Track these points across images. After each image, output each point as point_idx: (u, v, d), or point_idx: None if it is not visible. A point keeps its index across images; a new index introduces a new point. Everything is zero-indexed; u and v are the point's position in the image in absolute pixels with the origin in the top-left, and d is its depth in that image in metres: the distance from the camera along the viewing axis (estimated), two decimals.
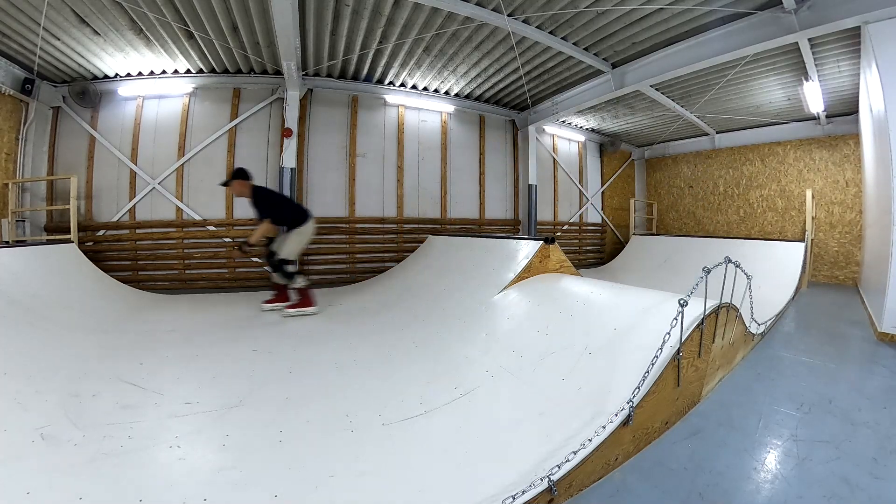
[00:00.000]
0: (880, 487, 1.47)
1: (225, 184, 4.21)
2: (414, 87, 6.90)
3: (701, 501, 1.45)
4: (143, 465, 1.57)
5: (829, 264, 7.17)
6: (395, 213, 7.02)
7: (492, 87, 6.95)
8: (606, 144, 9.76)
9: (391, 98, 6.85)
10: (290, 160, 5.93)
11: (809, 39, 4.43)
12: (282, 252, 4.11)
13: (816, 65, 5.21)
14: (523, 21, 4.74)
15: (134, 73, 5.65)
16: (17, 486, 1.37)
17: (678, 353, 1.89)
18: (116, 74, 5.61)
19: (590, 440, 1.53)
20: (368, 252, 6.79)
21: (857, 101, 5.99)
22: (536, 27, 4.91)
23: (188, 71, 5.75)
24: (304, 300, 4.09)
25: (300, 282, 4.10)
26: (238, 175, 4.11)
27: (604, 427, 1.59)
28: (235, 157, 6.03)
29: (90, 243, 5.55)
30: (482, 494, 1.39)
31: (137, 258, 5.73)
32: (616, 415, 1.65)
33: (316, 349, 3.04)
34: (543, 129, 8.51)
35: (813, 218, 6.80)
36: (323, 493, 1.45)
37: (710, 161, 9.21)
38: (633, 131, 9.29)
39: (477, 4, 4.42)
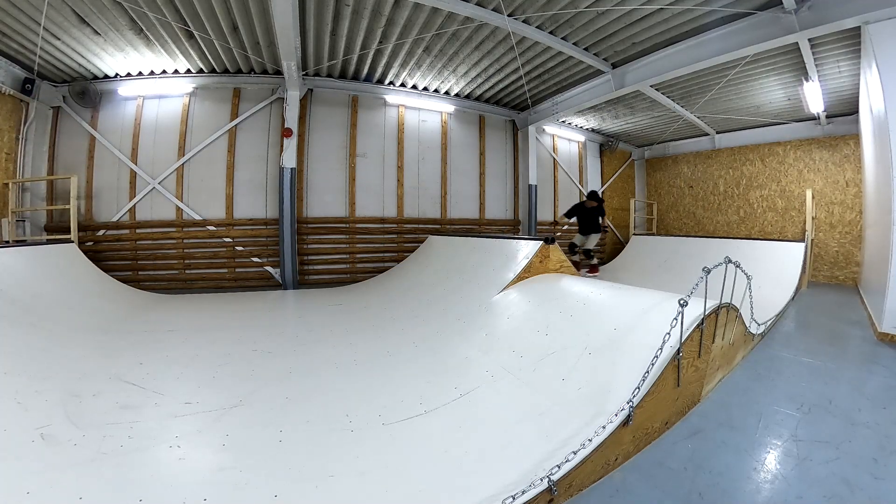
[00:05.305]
0: (880, 487, 1.47)
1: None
2: (414, 87, 6.90)
3: (701, 501, 1.45)
4: (143, 465, 1.57)
5: (829, 264, 7.16)
6: (395, 213, 7.02)
7: (492, 87, 6.95)
8: (606, 144, 9.76)
9: (391, 98, 6.85)
10: (290, 160, 5.93)
11: (809, 39, 4.43)
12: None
13: (816, 65, 5.21)
14: (523, 21, 4.74)
15: (134, 72, 5.65)
16: (17, 486, 1.37)
17: (678, 353, 1.89)
18: (116, 74, 5.62)
19: (590, 440, 1.53)
20: (368, 252, 6.79)
21: (857, 101, 5.99)
22: (536, 27, 4.91)
23: (188, 71, 5.75)
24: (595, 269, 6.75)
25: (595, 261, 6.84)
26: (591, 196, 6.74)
27: (604, 427, 1.59)
28: (235, 156, 6.04)
29: (90, 243, 5.55)
30: (482, 494, 1.39)
31: (137, 258, 5.74)
32: (616, 415, 1.65)
33: (316, 349, 3.04)
34: (543, 129, 8.51)
35: (813, 218, 6.80)
36: (323, 493, 1.45)
37: (710, 161, 9.21)
38: (633, 131, 9.29)
39: (477, 4, 4.42)
